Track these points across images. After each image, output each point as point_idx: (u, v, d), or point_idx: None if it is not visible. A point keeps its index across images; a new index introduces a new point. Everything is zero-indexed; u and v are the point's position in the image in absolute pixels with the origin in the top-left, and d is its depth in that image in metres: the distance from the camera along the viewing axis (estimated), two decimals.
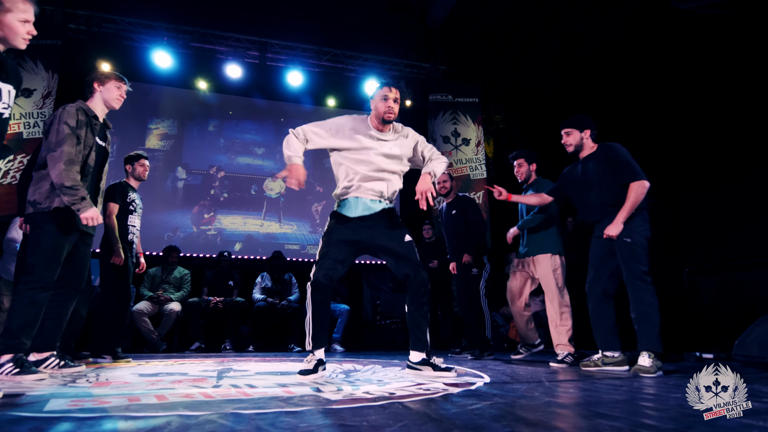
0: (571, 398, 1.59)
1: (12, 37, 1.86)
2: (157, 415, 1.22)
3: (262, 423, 1.14)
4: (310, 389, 1.78)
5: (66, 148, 2.28)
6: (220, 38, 6.15)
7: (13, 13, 1.85)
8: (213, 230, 6.36)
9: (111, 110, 2.65)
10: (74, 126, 2.37)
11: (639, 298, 2.51)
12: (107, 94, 2.59)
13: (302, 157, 2.34)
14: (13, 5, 1.86)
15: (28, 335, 2.22)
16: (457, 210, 4.04)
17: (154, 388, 1.81)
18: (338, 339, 5.01)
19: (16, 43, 1.88)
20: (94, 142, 2.50)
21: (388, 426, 1.12)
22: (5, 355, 2.14)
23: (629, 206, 2.54)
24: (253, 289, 5.33)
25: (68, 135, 2.32)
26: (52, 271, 2.31)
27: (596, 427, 1.10)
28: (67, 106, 2.41)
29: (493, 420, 1.20)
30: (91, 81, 2.58)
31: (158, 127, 6.39)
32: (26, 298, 2.21)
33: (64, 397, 1.57)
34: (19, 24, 1.86)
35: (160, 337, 4.70)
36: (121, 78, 2.66)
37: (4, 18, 1.83)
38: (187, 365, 2.95)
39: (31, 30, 1.91)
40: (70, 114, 2.37)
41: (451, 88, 6.84)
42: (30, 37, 1.92)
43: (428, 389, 1.80)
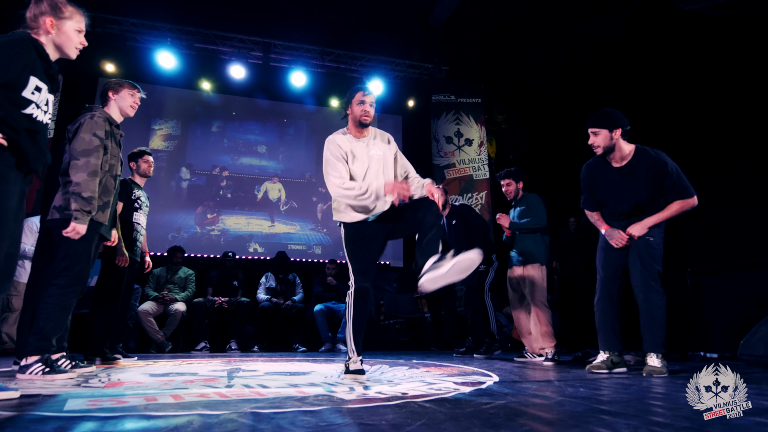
0: (584, 397, 1.60)
1: (68, 45, 1.87)
2: (178, 415, 1.24)
3: (282, 422, 1.16)
4: (323, 389, 1.79)
5: (92, 160, 2.31)
6: (223, 39, 6.17)
7: (72, 22, 1.87)
8: (216, 230, 6.38)
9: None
10: (103, 137, 2.41)
11: (649, 299, 2.48)
12: (122, 102, 2.64)
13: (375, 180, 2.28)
14: (73, 15, 1.88)
15: (57, 337, 2.27)
16: (457, 219, 4.15)
17: (167, 388, 1.83)
18: (343, 339, 5.02)
19: (69, 52, 1.89)
20: (119, 152, 2.57)
21: (407, 425, 1.13)
22: (34, 355, 2.17)
23: (666, 216, 2.49)
24: (258, 290, 5.34)
25: (97, 147, 2.35)
26: (86, 276, 2.36)
27: (613, 426, 1.11)
28: (95, 116, 2.43)
29: (508, 419, 1.22)
30: (105, 90, 2.63)
31: (162, 128, 6.41)
32: (59, 303, 2.25)
33: (81, 397, 1.58)
34: (75, 33, 1.88)
35: (165, 337, 4.71)
36: (134, 86, 2.72)
37: (63, 25, 1.85)
38: (195, 365, 2.97)
39: (83, 41, 1.93)
40: (98, 125, 2.40)
41: (453, 88, 6.85)
42: (81, 48, 1.94)
43: (439, 389, 1.81)
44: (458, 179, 6.59)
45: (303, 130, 7.04)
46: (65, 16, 1.85)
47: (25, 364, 2.16)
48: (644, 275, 2.50)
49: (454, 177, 6.63)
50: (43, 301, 2.25)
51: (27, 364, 2.16)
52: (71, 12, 1.88)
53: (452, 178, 6.64)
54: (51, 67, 1.77)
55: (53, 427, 1.09)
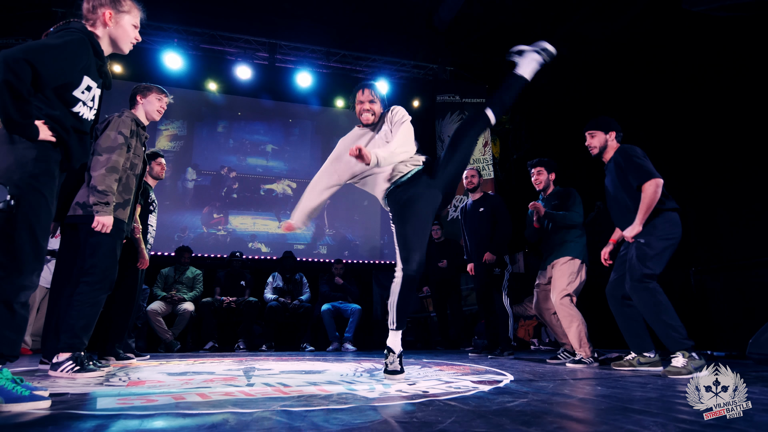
0: (603, 395, 1.63)
1: (123, 40, 1.84)
2: (211, 413, 1.26)
3: (315, 419, 1.18)
4: (343, 388, 1.82)
5: (114, 157, 2.36)
6: (229, 40, 6.19)
7: (130, 16, 1.85)
8: (223, 231, 6.40)
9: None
10: (128, 136, 2.47)
11: (641, 302, 2.46)
12: (149, 106, 2.70)
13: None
14: (131, 9, 1.86)
15: (88, 335, 2.31)
16: (486, 208, 4.03)
17: (190, 387, 1.85)
18: (350, 338, 5.05)
19: (123, 47, 1.86)
20: (143, 152, 2.61)
21: (438, 422, 1.15)
22: (66, 353, 2.20)
23: (644, 208, 2.49)
24: (265, 289, 5.37)
25: (121, 144, 2.41)
26: (113, 272, 2.39)
27: (640, 422, 1.14)
28: (123, 115, 2.51)
29: (536, 417, 1.24)
30: (134, 94, 2.70)
31: (168, 128, 6.43)
32: (89, 299, 2.29)
33: (108, 396, 1.60)
34: (131, 28, 1.86)
35: (174, 336, 4.74)
36: (162, 91, 2.78)
37: (121, 19, 1.81)
38: (208, 365, 2.99)
39: (138, 36, 1.92)
40: (125, 124, 2.47)
41: (458, 88, 6.88)
42: (135, 43, 1.92)
43: (458, 387, 1.84)
44: (462, 179, 6.61)
45: (308, 131, 7.06)
46: (124, 10, 1.82)
47: (57, 361, 2.20)
48: (629, 280, 2.50)
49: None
50: (74, 298, 2.28)
51: (59, 361, 2.19)
52: (130, 6, 1.85)
53: None
54: (104, 64, 1.77)
55: (94, 425, 1.12)
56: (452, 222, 6.53)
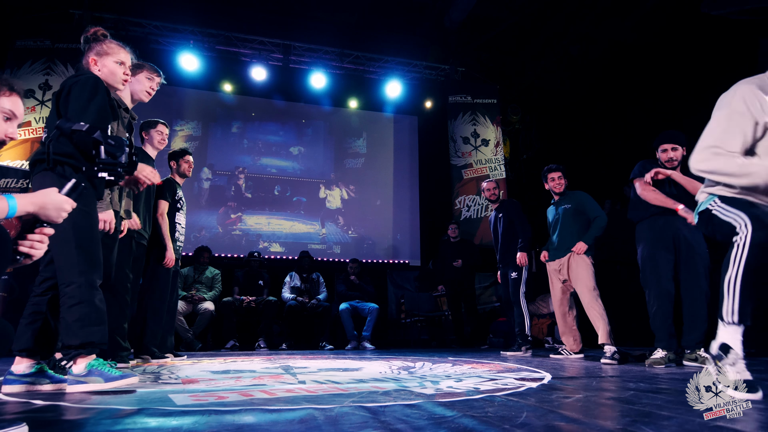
0: (644, 390, 1.69)
1: (112, 80, 2.03)
2: (293, 408, 1.32)
3: (396, 414, 1.24)
4: (395, 385, 1.88)
5: None
6: (244, 41, 6.23)
7: (111, 57, 2.02)
8: (238, 230, 6.45)
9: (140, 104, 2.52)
10: None
11: None
12: (137, 84, 2.46)
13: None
14: (110, 49, 2.03)
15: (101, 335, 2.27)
16: (504, 214, 4.21)
17: (243, 384, 1.91)
18: (368, 337, 5.11)
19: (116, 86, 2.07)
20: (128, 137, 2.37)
21: (515, 417, 1.21)
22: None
23: None
24: (282, 289, 5.42)
25: None
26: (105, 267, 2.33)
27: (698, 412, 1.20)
28: None
29: (604, 408, 1.30)
30: None
31: (183, 129, 6.47)
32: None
33: (178, 393, 1.66)
34: (117, 66, 2.03)
35: (194, 335, 4.79)
36: (155, 69, 2.54)
37: (104, 60, 2.01)
38: (241, 363, 3.05)
39: (127, 71, 2.08)
40: None
41: (469, 89, 6.94)
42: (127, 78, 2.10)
43: (505, 384, 1.90)
44: (475, 179, 6.68)
45: (321, 131, 7.11)
46: (103, 52, 2.00)
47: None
48: None
49: (471, 177, 6.72)
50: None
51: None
52: (109, 47, 2.03)
53: (469, 178, 6.72)
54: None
55: (192, 421, 1.17)
56: (467, 221, 6.60)
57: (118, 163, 1.72)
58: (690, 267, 2.81)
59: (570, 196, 3.59)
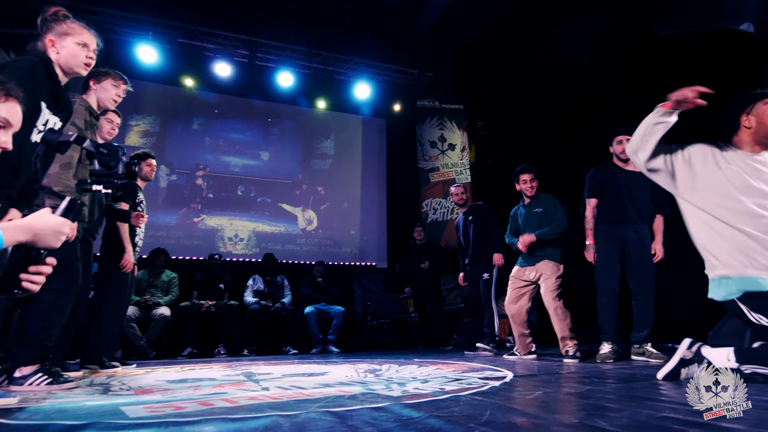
0: (603, 384, 1.75)
1: (73, 62, 1.85)
2: (257, 416, 1.27)
3: (363, 418, 1.21)
4: (362, 388, 1.85)
5: (69, 152, 2.09)
6: (208, 35, 6.03)
7: (72, 37, 1.84)
8: (198, 232, 6.22)
9: None
10: (82, 127, 2.24)
11: None
12: (103, 93, 2.43)
13: None
14: (71, 29, 1.85)
15: (51, 345, 2.15)
16: (475, 217, 4.25)
17: (203, 393, 1.83)
18: (334, 340, 5.05)
19: (78, 70, 1.87)
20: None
21: (480, 415, 1.22)
22: (31, 365, 2.05)
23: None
24: (245, 292, 5.27)
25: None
26: (78, 277, 2.25)
27: (653, 407, 1.25)
28: (76, 103, 2.26)
29: (565, 404, 1.33)
30: (87, 78, 2.43)
31: (139, 124, 6.18)
32: (54, 307, 2.14)
33: (131, 405, 1.56)
34: (78, 48, 1.86)
35: (148, 343, 4.55)
36: (120, 77, 2.50)
37: (63, 41, 1.81)
38: (200, 371, 2.92)
39: (91, 55, 1.90)
40: (78, 113, 2.23)
41: (437, 94, 7.03)
42: (90, 62, 1.91)
43: (470, 383, 1.91)
44: (442, 182, 6.76)
45: (288, 131, 6.99)
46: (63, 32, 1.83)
47: (21, 375, 2.02)
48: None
49: (438, 180, 6.80)
50: (37, 307, 2.09)
51: (24, 374, 2.01)
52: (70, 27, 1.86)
53: (436, 181, 6.80)
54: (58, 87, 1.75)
55: None
56: (433, 224, 6.66)
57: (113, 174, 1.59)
58: (639, 269, 3.01)
59: (541, 200, 3.61)
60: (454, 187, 4.46)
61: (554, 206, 3.53)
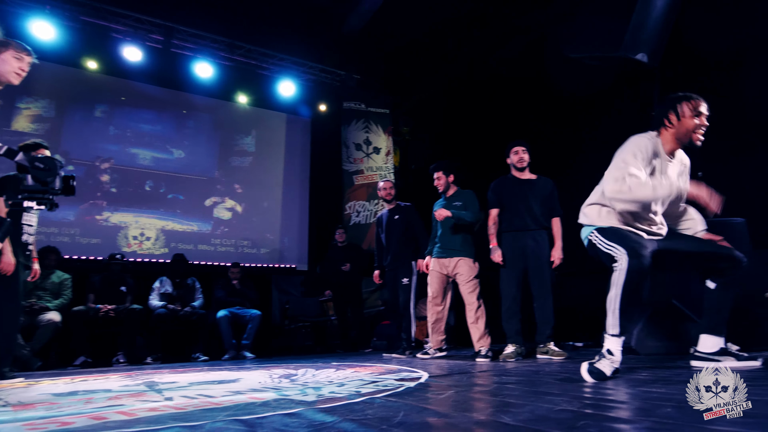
0: (510, 382, 1.89)
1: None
2: (158, 429, 1.18)
3: (275, 425, 1.19)
4: (275, 394, 1.81)
5: None
6: (117, 16, 5.49)
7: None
8: (99, 229, 5.63)
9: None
10: None
11: None
12: (3, 65, 2.21)
13: None
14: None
15: None
16: (401, 216, 4.24)
17: (95, 406, 1.66)
18: (248, 345, 4.85)
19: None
20: None
21: (393, 416, 1.26)
22: None
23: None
24: (150, 295, 4.87)
25: None
26: None
27: (551, 401, 1.38)
28: None
29: (475, 401, 1.42)
30: None
31: (30, 108, 5.44)
32: None
33: (7, 422, 1.37)
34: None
35: (33, 352, 4.02)
36: (23, 47, 2.28)
37: None
38: (94, 382, 2.65)
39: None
40: None
41: (364, 97, 7.09)
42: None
43: (386, 385, 1.96)
44: (366, 185, 6.83)
45: (205, 124, 6.58)
46: None
47: None
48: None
49: (362, 183, 6.85)
50: None
51: None
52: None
53: (360, 184, 6.85)
54: None
55: None
56: (355, 226, 6.69)
57: (49, 190, 1.42)
58: (538, 274, 3.29)
59: (461, 194, 3.73)
60: (382, 182, 4.38)
61: (472, 200, 3.67)
